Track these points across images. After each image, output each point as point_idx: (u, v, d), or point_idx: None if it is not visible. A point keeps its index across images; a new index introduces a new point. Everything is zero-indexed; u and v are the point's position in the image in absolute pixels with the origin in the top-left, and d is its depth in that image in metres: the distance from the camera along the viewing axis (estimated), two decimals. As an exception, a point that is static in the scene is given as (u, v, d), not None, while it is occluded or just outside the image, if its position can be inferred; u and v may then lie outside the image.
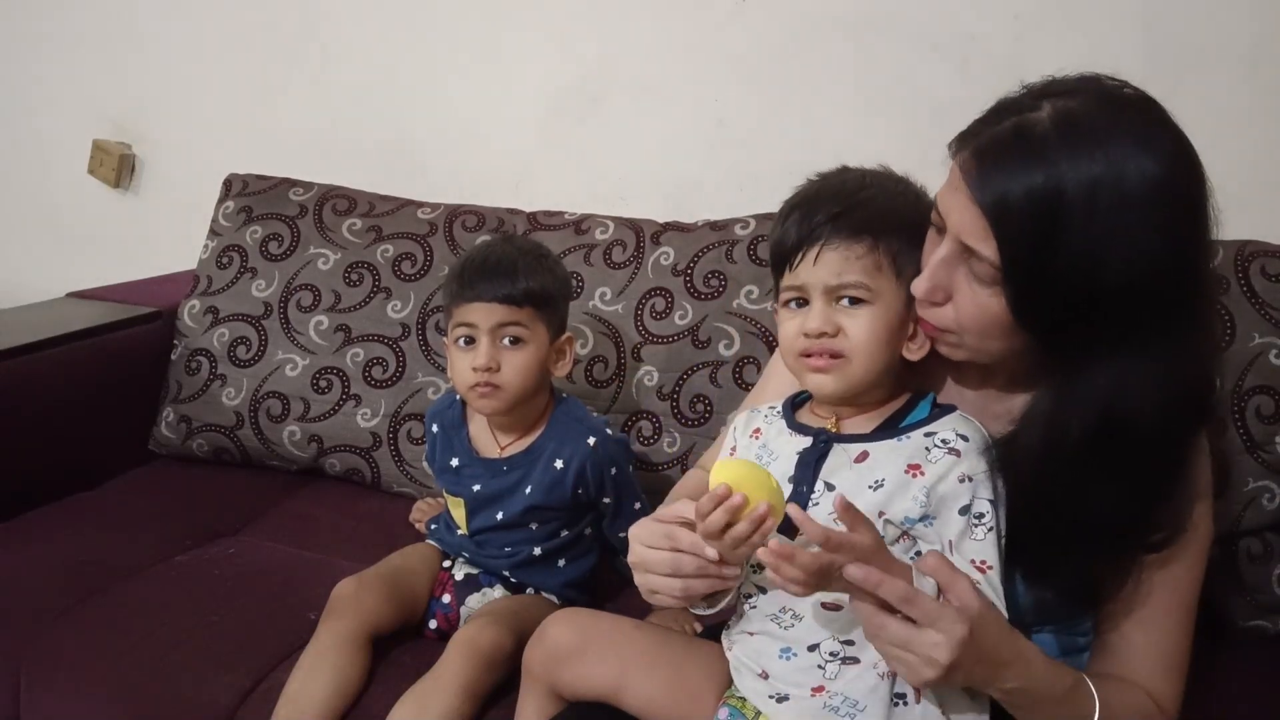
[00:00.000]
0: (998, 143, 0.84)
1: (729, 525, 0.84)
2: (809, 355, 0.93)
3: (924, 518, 0.88)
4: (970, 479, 0.88)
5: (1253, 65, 1.46)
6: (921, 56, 1.62)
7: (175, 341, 1.72)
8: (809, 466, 0.93)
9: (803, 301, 0.94)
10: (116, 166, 2.18)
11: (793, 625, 0.92)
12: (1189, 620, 0.94)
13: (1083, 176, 0.79)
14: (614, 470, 1.29)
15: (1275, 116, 1.48)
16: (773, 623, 0.93)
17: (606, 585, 1.36)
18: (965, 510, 0.88)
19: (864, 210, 0.94)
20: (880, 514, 0.88)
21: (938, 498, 0.88)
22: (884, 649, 0.81)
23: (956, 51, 1.60)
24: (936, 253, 0.89)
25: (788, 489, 0.92)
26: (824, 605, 0.90)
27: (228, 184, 1.80)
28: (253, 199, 1.76)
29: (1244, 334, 1.26)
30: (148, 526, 1.48)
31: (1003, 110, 0.86)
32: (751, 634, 0.95)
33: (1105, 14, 1.52)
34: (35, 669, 1.21)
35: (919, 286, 0.90)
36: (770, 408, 1.03)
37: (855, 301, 0.92)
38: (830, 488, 0.91)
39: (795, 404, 1.02)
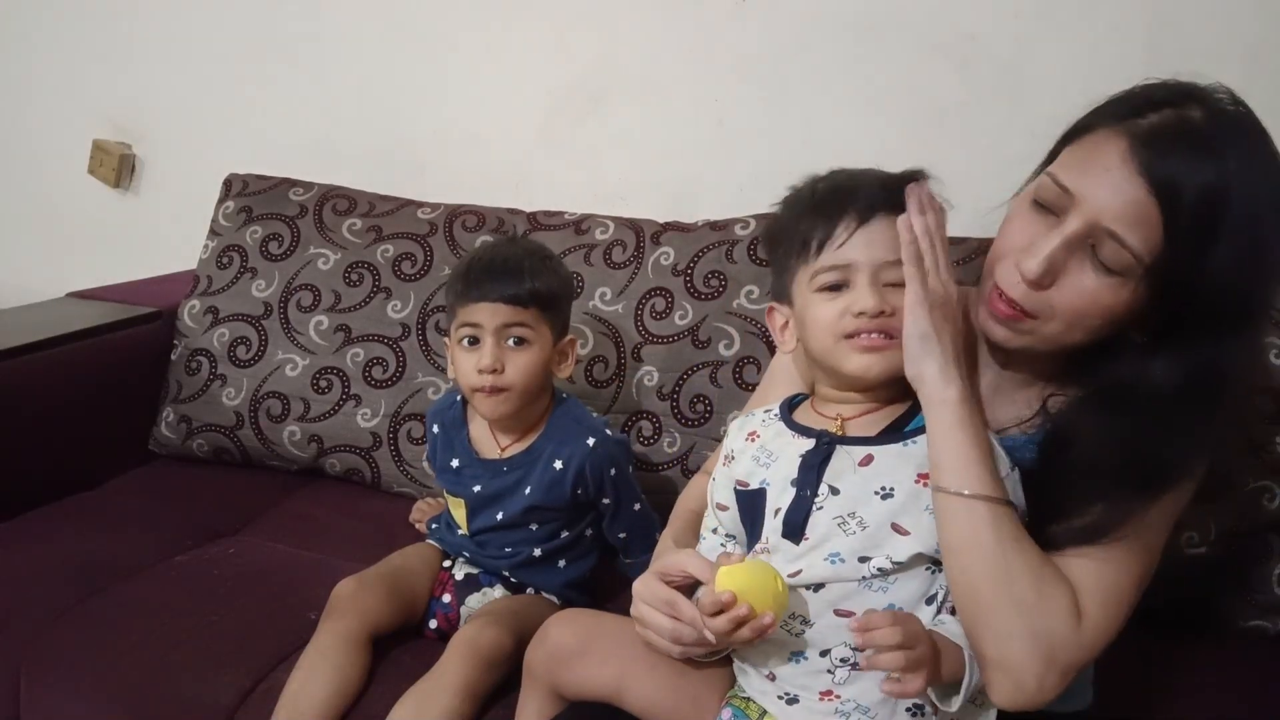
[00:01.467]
0: (1166, 130, 0.83)
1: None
2: (855, 336, 0.90)
3: None
4: None
5: (1253, 65, 1.46)
6: (921, 56, 1.61)
7: (175, 341, 1.72)
8: (812, 469, 0.91)
9: (839, 285, 0.91)
10: (116, 166, 2.18)
11: (803, 631, 0.91)
12: (1143, 565, 0.89)
13: (1246, 178, 0.81)
14: (613, 471, 1.29)
15: (1275, 116, 1.48)
16: (781, 629, 0.92)
17: (607, 586, 1.35)
18: None
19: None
20: (893, 526, 0.87)
21: None
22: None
23: (956, 51, 1.59)
24: (1058, 231, 0.85)
25: (790, 492, 0.92)
26: (836, 611, 0.89)
27: (228, 184, 1.80)
28: (253, 199, 1.76)
29: (1244, 334, 1.26)
30: (148, 526, 1.48)
31: (1143, 101, 0.86)
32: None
33: (1106, 14, 1.51)
34: (35, 669, 1.21)
35: (1032, 267, 0.85)
36: (765, 410, 1.01)
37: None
38: (835, 491, 0.90)
39: (791, 405, 1.00)
